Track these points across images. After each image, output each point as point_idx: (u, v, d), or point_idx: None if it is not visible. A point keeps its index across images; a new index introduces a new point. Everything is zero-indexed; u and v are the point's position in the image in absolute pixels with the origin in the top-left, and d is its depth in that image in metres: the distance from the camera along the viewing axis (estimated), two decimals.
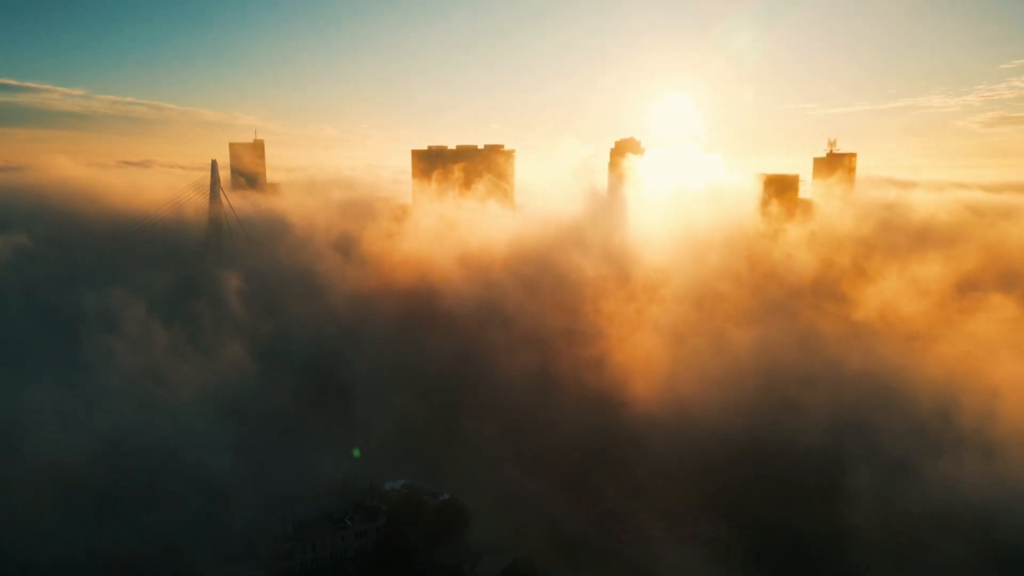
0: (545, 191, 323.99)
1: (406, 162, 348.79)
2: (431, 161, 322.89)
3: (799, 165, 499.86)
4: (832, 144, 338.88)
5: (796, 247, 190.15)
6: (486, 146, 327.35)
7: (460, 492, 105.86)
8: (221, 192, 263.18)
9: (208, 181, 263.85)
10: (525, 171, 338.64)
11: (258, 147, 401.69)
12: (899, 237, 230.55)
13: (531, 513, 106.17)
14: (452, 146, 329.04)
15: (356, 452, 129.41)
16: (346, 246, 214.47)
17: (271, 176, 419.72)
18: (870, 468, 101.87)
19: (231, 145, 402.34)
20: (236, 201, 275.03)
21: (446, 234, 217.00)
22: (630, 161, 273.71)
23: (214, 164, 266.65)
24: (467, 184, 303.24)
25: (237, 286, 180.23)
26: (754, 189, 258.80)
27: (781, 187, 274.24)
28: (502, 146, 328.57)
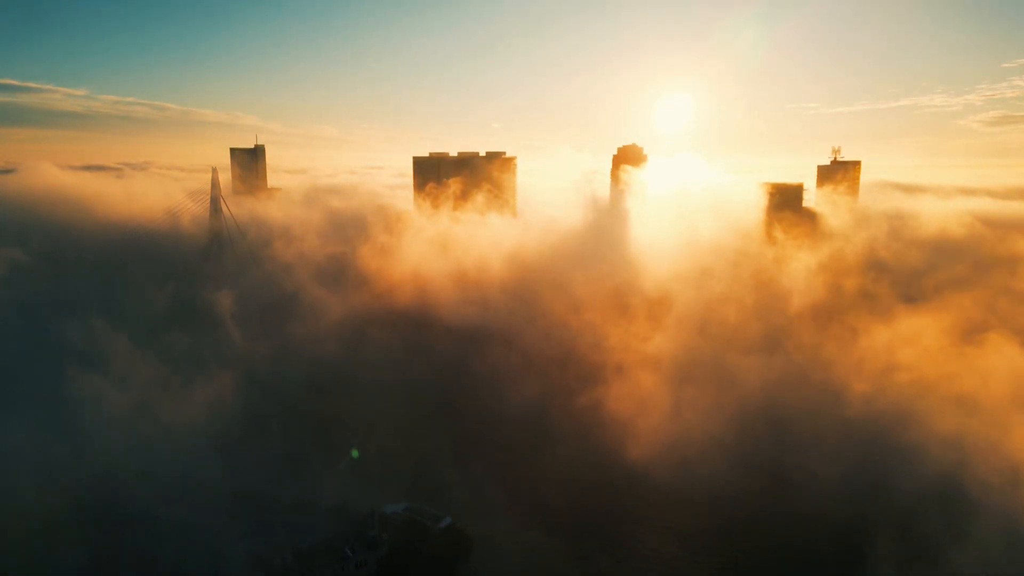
0: (547, 199, 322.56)
1: (406, 162, 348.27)
2: (432, 169, 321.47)
3: (802, 166, 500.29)
4: (836, 152, 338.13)
5: (803, 271, 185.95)
6: (488, 153, 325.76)
7: (459, 517, 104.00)
8: (222, 202, 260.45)
9: (208, 187, 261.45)
10: (527, 173, 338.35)
11: (259, 152, 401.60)
12: (912, 251, 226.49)
13: (528, 545, 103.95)
14: (453, 152, 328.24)
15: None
16: (344, 265, 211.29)
17: (272, 180, 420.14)
18: (889, 541, 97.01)
19: (232, 150, 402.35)
20: (236, 208, 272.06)
21: (445, 252, 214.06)
22: (632, 174, 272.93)
23: (215, 173, 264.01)
24: (468, 193, 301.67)
25: (235, 307, 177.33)
26: (758, 200, 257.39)
27: (785, 197, 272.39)
28: (503, 153, 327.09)
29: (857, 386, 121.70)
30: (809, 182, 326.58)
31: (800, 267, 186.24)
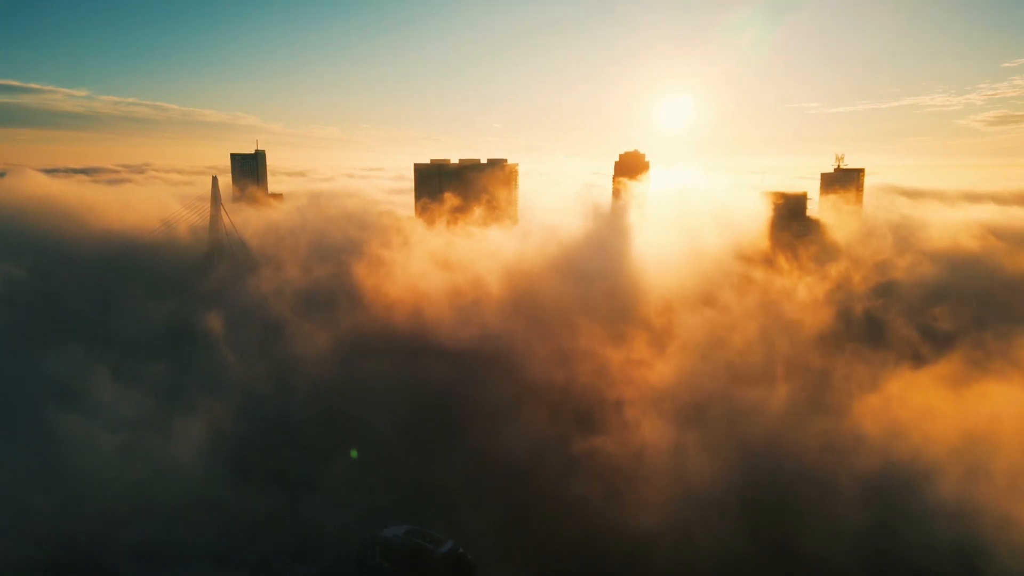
0: (548, 205, 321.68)
1: (406, 164, 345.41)
2: (432, 176, 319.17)
3: (804, 167, 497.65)
4: (840, 159, 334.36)
5: (810, 300, 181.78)
6: (489, 160, 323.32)
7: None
8: (223, 211, 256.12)
9: (207, 193, 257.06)
10: (528, 176, 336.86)
11: (259, 158, 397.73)
12: (923, 266, 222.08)
13: None
14: (455, 159, 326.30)
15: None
16: (339, 284, 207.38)
17: (273, 185, 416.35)
18: None
19: (232, 156, 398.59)
20: (235, 216, 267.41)
21: (446, 268, 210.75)
22: (633, 187, 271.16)
23: (215, 182, 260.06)
24: (469, 202, 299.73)
25: (228, 329, 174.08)
26: (763, 211, 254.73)
27: (790, 208, 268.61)
28: (505, 160, 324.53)
29: (869, 438, 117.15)
30: (812, 184, 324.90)
31: (807, 294, 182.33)
